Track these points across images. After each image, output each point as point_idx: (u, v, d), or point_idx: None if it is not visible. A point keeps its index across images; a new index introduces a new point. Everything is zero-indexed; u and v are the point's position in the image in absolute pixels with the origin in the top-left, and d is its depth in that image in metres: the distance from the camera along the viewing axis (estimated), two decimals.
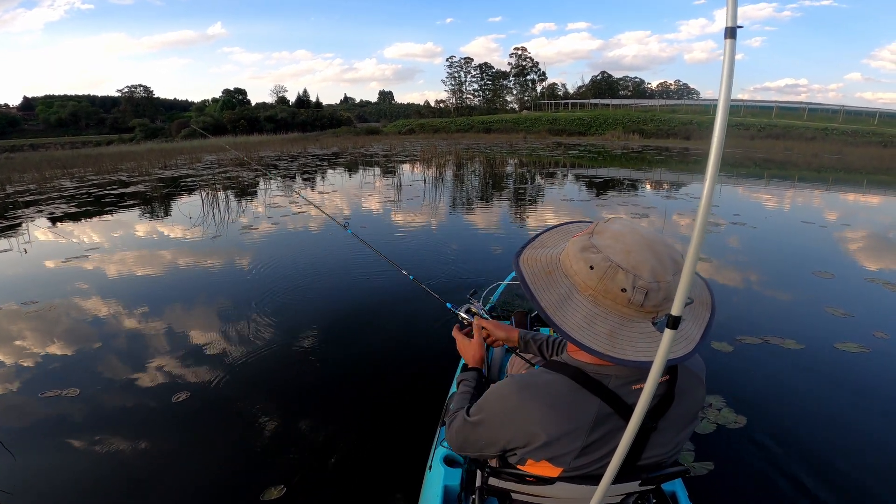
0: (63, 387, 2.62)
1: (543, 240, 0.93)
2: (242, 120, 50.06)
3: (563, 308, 0.79)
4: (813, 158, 18.03)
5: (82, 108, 68.47)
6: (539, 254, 0.88)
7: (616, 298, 0.76)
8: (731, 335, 3.04)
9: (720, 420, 2.28)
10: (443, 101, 55.19)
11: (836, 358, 2.83)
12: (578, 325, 0.77)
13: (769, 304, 3.71)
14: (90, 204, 8.60)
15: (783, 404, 2.44)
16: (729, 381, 2.58)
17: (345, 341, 3.14)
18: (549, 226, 0.97)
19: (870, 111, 30.11)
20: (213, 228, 6.36)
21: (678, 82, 62.34)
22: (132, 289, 4.15)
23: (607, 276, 0.76)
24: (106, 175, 13.22)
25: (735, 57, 0.49)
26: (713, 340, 2.97)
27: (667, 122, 29.97)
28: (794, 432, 2.21)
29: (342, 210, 7.52)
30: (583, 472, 0.83)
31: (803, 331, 3.13)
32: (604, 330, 0.76)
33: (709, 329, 0.80)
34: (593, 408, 0.79)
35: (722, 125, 0.51)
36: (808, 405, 2.43)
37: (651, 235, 0.78)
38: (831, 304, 3.57)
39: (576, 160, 16.46)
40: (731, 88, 0.49)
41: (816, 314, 3.45)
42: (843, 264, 4.74)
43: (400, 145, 23.31)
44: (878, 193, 10.36)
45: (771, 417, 2.33)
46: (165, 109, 75.00)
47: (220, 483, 1.96)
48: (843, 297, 3.76)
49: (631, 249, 0.75)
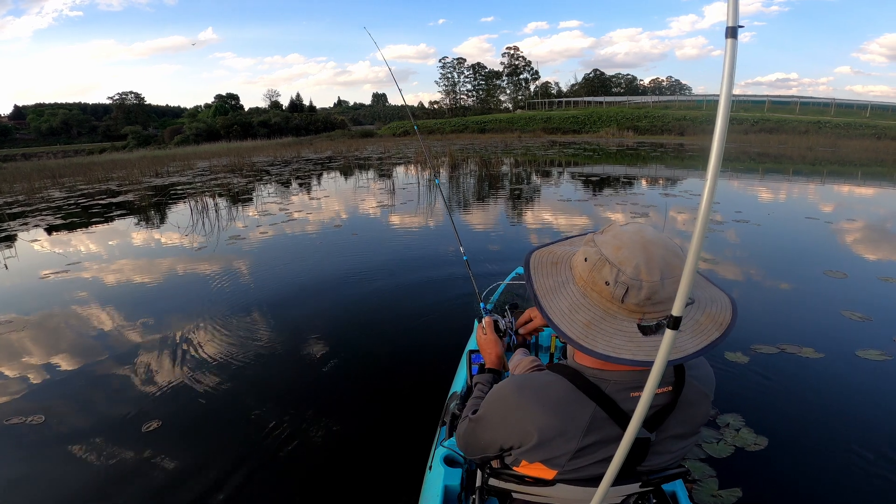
0: (28, 413, 2.44)
1: (573, 241, 0.95)
2: (236, 125, 49.78)
3: (553, 294, 0.82)
4: (808, 152, 18.01)
5: (73, 116, 67.92)
6: (558, 249, 0.90)
7: (601, 292, 0.77)
8: (745, 344, 2.87)
9: (739, 442, 2.12)
10: (437, 102, 55.09)
11: (859, 367, 2.67)
12: (562, 311, 0.79)
13: (782, 308, 3.54)
14: (77, 215, 8.38)
15: (807, 422, 2.27)
16: (746, 397, 2.42)
17: (344, 343, 3.14)
18: (581, 232, 0.98)
19: (861, 104, 30.19)
20: (204, 237, 6.17)
21: (670, 78, 62.42)
22: (114, 302, 3.96)
23: (595, 269, 0.78)
24: (96, 184, 12.98)
25: (736, 56, 0.49)
26: (727, 352, 2.80)
27: (660, 118, 29.94)
28: (821, 453, 2.05)
29: (340, 213, 7.34)
30: (577, 476, 0.82)
31: (821, 337, 2.97)
32: (583, 319, 0.77)
33: (711, 347, 0.76)
34: (588, 411, 0.79)
35: (723, 124, 0.49)
36: (834, 421, 2.26)
37: (653, 237, 0.77)
38: (847, 306, 3.41)
39: (572, 158, 16.33)
40: (732, 88, 0.49)
41: (833, 318, 3.29)
42: (854, 262, 4.59)
43: (394, 147, 23.12)
44: (878, 186, 10.28)
45: (794, 437, 2.16)
46: (158, 116, 74.40)
47: (220, 484, 1.96)
48: (858, 298, 3.61)
49: (622, 246, 0.76)
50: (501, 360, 1.27)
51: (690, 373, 0.84)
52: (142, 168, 16.82)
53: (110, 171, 16.11)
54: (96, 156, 36.40)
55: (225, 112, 57.96)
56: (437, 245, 5.51)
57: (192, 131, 48.71)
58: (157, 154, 29.65)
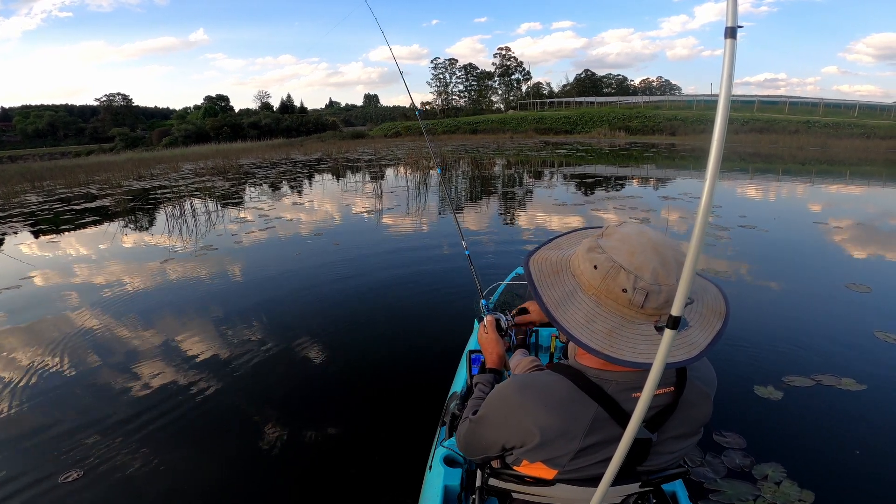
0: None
1: (559, 242, 0.93)
2: (225, 127, 49.13)
3: (564, 305, 0.78)
4: (799, 151, 17.96)
5: (60, 117, 66.75)
6: (552, 254, 0.88)
7: (617, 299, 0.74)
8: (775, 376, 2.54)
9: (780, 499, 1.79)
10: (428, 102, 54.70)
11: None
12: (579, 322, 0.76)
13: (810, 331, 3.20)
14: (49, 222, 7.94)
15: (857, 471, 1.94)
16: (784, 442, 2.09)
17: (344, 343, 3.12)
18: (568, 230, 0.95)
19: (849, 103, 30.37)
20: (181, 243, 5.77)
21: (660, 79, 62.55)
22: (74, 314, 3.56)
23: (609, 277, 0.75)
24: (76, 188, 12.49)
25: (735, 56, 0.48)
26: (757, 385, 2.47)
27: (652, 118, 29.89)
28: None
29: (332, 216, 6.96)
30: (578, 476, 0.81)
31: (858, 365, 2.64)
32: (603, 329, 0.75)
33: (717, 338, 0.75)
34: (590, 412, 0.78)
35: (723, 124, 0.49)
36: (888, 469, 1.94)
37: (659, 239, 0.76)
38: (879, 325, 3.10)
39: (564, 159, 16.04)
40: (731, 88, 0.48)
41: (867, 341, 2.96)
42: (875, 273, 4.28)
43: (385, 149, 22.70)
44: (877, 186, 10.09)
45: (844, 490, 1.84)
46: (146, 118, 73.33)
47: (219, 485, 1.97)
48: (889, 316, 3.30)
49: (635, 251, 0.74)
50: (503, 360, 1.24)
51: (692, 373, 0.82)
52: (126, 171, 16.30)
53: (93, 175, 15.59)
54: (83, 158, 35.70)
55: (214, 113, 57.17)
56: (433, 247, 5.34)
57: (180, 133, 48.00)
58: (144, 156, 29.06)
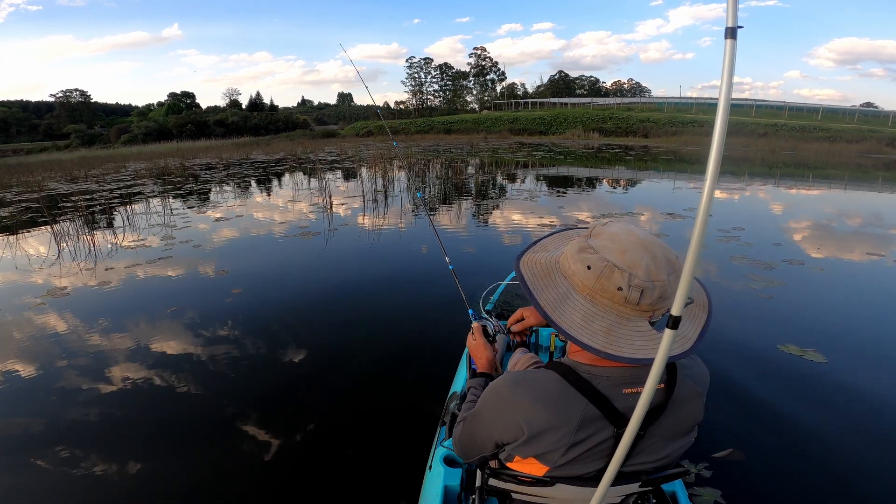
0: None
1: (545, 244, 0.93)
2: (189, 124, 47.24)
3: (561, 307, 0.79)
4: (770, 154, 18.01)
5: (12, 114, 63.58)
6: (539, 257, 0.89)
7: (613, 297, 0.76)
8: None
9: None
10: (402, 102, 53.91)
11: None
12: (577, 323, 0.77)
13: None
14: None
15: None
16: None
17: (344, 344, 3.12)
18: (551, 231, 0.96)
19: (811, 107, 31.19)
20: (59, 268, 4.91)
21: (631, 81, 63.31)
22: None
23: (604, 276, 0.76)
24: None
25: (735, 57, 0.47)
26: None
27: (625, 120, 29.97)
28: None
29: (264, 232, 6.19)
30: (570, 473, 0.82)
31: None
32: (601, 328, 0.76)
33: (705, 330, 0.79)
34: (580, 407, 0.78)
35: (723, 124, 0.49)
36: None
37: (646, 236, 0.78)
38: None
39: (539, 161, 15.57)
40: (731, 89, 0.48)
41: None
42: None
43: (353, 149, 21.81)
44: (855, 188, 9.90)
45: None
46: (106, 114, 70.24)
47: (214, 488, 1.92)
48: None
49: (626, 249, 0.76)
50: (493, 364, 1.25)
51: (683, 371, 0.82)
52: (65, 171, 15.01)
53: (27, 174, 14.27)
54: (33, 156, 33.62)
55: (178, 110, 55.05)
56: (426, 249, 5.20)
57: (140, 130, 45.97)
58: (98, 154, 27.48)
